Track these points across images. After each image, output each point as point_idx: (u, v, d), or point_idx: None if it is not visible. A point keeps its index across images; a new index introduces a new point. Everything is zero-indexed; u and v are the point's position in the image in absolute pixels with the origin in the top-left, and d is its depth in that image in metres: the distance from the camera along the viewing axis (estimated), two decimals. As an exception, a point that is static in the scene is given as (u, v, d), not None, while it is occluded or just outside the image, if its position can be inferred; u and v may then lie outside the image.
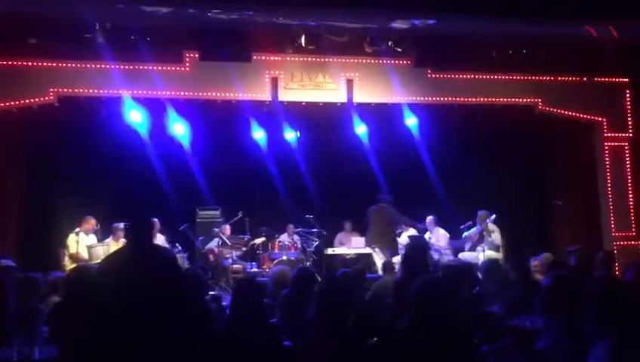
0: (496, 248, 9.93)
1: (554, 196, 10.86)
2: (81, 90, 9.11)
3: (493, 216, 10.03)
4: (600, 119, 10.53)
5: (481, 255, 9.57)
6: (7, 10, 7.69)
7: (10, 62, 8.83)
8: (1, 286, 4.83)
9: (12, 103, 8.89)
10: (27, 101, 8.94)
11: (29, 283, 5.40)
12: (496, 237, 9.97)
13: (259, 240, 10.73)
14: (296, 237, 11.15)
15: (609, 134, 10.51)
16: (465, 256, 10.04)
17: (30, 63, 8.89)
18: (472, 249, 10.12)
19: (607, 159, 10.46)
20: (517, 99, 10.33)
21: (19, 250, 9.69)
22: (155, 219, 9.95)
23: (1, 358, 4.05)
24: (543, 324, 3.77)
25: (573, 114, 10.51)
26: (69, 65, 9.01)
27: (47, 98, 8.96)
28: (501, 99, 10.30)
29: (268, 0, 7.80)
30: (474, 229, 10.21)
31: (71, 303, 4.40)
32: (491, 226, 10.02)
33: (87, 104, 9.37)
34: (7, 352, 4.05)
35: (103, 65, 8.95)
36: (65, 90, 9.03)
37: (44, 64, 8.93)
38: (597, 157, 10.59)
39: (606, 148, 10.49)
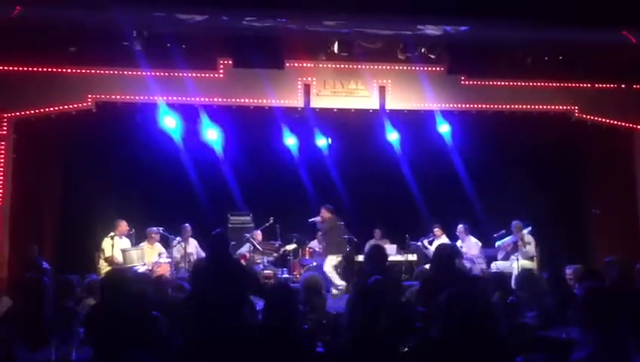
0: (530, 258, 9.78)
1: (591, 205, 10.63)
2: (117, 97, 9.30)
3: (530, 228, 9.88)
4: (638, 127, 10.29)
5: (515, 264, 9.43)
6: (50, 20, 7.90)
7: (50, 69, 9.07)
8: (38, 287, 4.94)
9: (51, 109, 9.13)
10: (66, 107, 9.16)
11: (65, 285, 5.52)
12: (531, 247, 9.82)
13: (290, 247, 10.77)
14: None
15: (647, 142, 10.27)
16: (498, 265, 9.92)
17: (69, 70, 9.12)
18: (506, 258, 10.00)
19: (645, 167, 10.22)
20: (553, 107, 10.15)
21: (56, 252, 9.93)
22: (187, 224, 10.12)
23: (39, 358, 4.14)
24: (578, 336, 3.69)
25: (611, 121, 10.28)
26: (107, 72, 9.22)
27: (84, 104, 9.17)
28: (536, 107, 10.13)
29: (301, 8, 7.83)
30: (508, 239, 10.07)
31: (106, 306, 4.47)
32: (527, 237, 9.88)
33: (123, 110, 9.55)
34: (45, 352, 4.14)
35: (139, 72, 9.12)
36: (102, 96, 9.23)
37: (83, 71, 9.16)
38: (635, 165, 10.34)
39: (645, 156, 10.25)
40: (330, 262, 9.84)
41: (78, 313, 4.84)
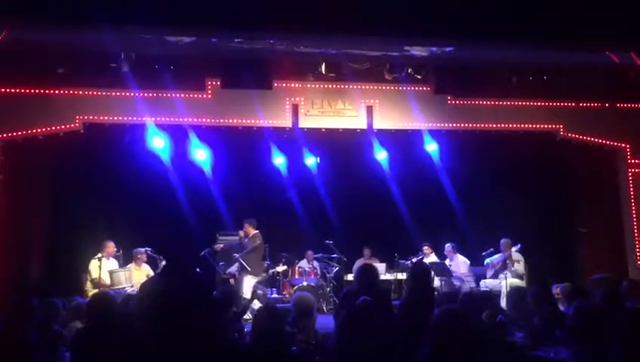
0: (519, 276, 9.79)
1: (577, 223, 10.70)
2: (106, 118, 9.30)
3: (518, 246, 9.91)
4: (623, 145, 10.43)
5: (504, 282, 9.44)
6: (37, 41, 7.91)
7: (38, 91, 9.05)
8: (23, 310, 4.87)
9: (39, 130, 9.10)
10: (53, 128, 9.14)
11: (50, 309, 5.45)
12: (520, 266, 9.84)
13: (280, 268, 10.71)
14: (315, 263, 11.13)
15: (632, 160, 10.39)
16: (487, 283, 9.92)
17: (57, 91, 9.11)
18: (495, 276, 10.00)
19: (630, 185, 10.33)
20: (538, 126, 10.27)
21: (43, 274, 9.81)
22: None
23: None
24: (567, 355, 3.70)
25: (596, 140, 10.41)
26: (95, 93, 9.22)
27: (72, 125, 9.16)
28: (522, 126, 10.25)
29: (289, 29, 7.90)
30: (497, 256, 10.09)
31: (93, 329, 4.42)
32: (516, 255, 9.90)
33: (111, 131, 9.54)
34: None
35: (127, 93, 9.14)
36: (90, 117, 9.22)
37: (71, 92, 9.15)
38: (620, 183, 10.46)
39: (630, 174, 10.36)
40: (250, 283, 9.35)
41: (63, 337, 4.78)
